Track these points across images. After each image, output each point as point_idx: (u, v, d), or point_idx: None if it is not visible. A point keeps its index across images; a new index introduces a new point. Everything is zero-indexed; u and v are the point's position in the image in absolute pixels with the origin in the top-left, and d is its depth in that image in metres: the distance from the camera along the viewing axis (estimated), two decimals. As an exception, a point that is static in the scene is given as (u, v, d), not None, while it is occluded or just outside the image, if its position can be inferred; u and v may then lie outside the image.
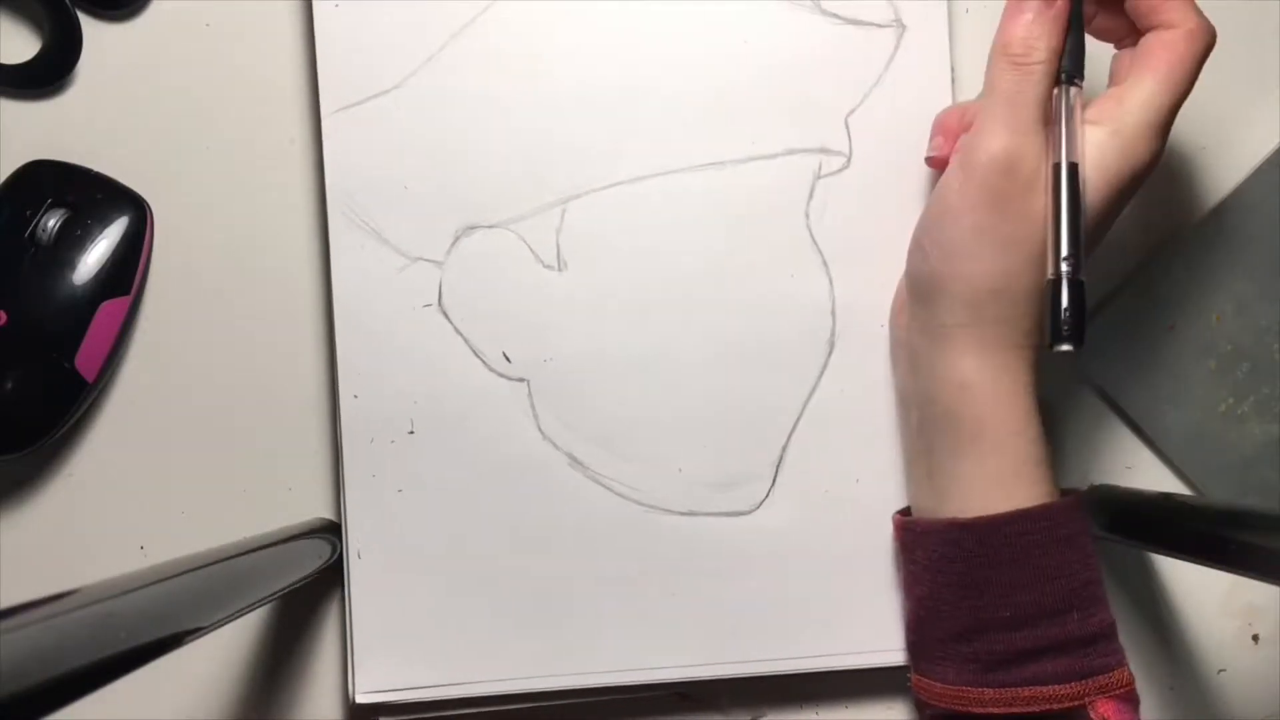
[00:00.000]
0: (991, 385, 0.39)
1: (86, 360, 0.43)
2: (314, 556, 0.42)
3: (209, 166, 0.45)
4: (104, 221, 0.44)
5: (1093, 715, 0.37)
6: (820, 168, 0.45)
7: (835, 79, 0.45)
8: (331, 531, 0.44)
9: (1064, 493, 0.40)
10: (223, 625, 0.33)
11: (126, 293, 0.44)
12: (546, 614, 0.44)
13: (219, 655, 0.45)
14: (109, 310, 0.44)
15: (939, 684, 0.40)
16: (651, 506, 0.44)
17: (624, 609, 0.44)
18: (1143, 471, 0.46)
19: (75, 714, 0.25)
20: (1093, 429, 0.46)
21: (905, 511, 0.44)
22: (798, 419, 0.45)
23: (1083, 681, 0.38)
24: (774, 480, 0.44)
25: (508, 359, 0.44)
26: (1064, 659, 0.38)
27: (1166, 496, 0.44)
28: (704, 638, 0.44)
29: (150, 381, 0.45)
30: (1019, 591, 0.38)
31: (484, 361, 0.44)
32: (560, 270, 0.44)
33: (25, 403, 0.43)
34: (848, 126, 0.45)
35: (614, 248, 0.44)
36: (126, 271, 0.44)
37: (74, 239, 0.43)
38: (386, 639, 0.43)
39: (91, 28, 0.45)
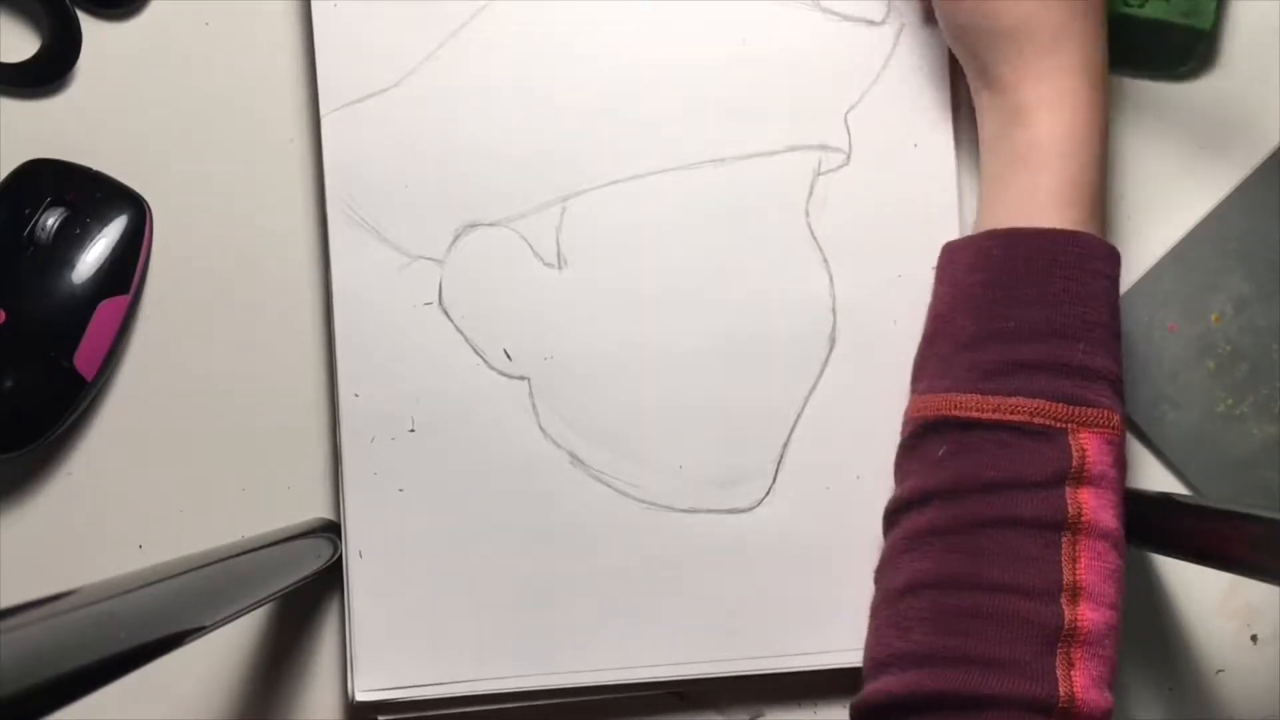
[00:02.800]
0: (1050, 109, 0.40)
1: (85, 359, 0.43)
2: (314, 556, 0.42)
3: (208, 165, 0.45)
4: (103, 220, 0.44)
5: (1072, 441, 0.38)
6: (820, 164, 0.45)
7: (834, 76, 0.45)
8: (331, 531, 0.44)
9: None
10: (223, 625, 0.33)
11: (125, 291, 0.44)
12: (547, 612, 0.44)
13: (219, 655, 0.45)
14: (108, 309, 0.44)
15: (927, 395, 0.40)
16: (652, 504, 0.44)
17: (624, 606, 0.44)
18: (1142, 471, 0.47)
19: (75, 714, 0.25)
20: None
21: None
22: (798, 416, 0.45)
23: (1071, 407, 0.38)
24: (774, 477, 0.44)
25: (508, 357, 0.44)
26: (1059, 380, 0.38)
27: (1166, 496, 0.44)
28: (704, 635, 0.44)
29: (149, 380, 0.45)
30: (1033, 305, 0.39)
31: (484, 360, 0.44)
32: (561, 268, 0.44)
33: (24, 401, 0.43)
34: (847, 123, 0.45)
35: (614, 245, 0.44)
36: (126, 270, 0.44)
37: (73, 237, 0.43)
38: (386, 638, 0.43)
39: (91, 27, 0.45)
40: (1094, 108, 0.40)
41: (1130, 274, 0.46)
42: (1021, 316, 0.39)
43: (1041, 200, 0.40)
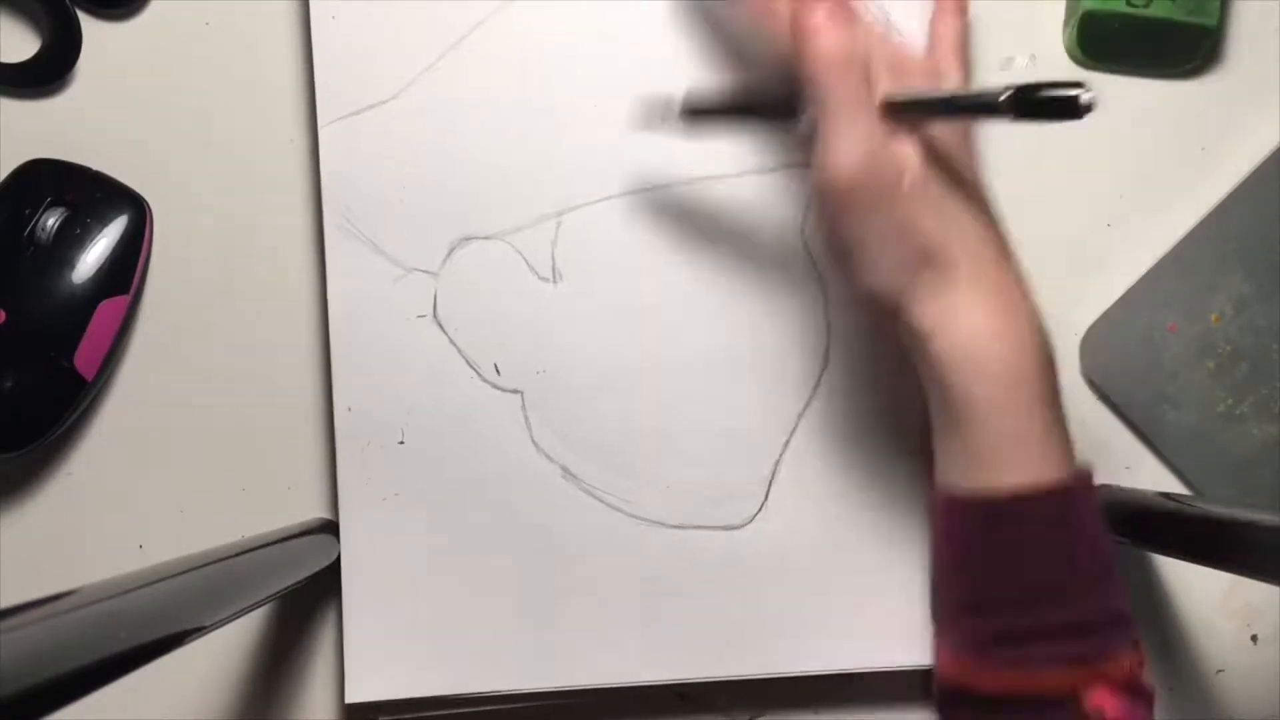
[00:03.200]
0: (966, 357, 0.37)
1: (86, 359, 0.43)
2: (313, 556, 0.42)
3: (208, 165, 0.45)
4: (103, 220, 0.44)
5: (1087, 706, 0.37)
6: None
7: None
8: (330, 531, 0.44)
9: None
10: (223, 625, 0.33)
11: (126, 291, 0.44)
12: (538, 622, 0.44)
13: (218, 655, 0.45)
14: (108, 309, 0.44)
15: (947, 655, 0.40)
16: (644, 519, 0.44)
17: (615, 618, 0.44)
18: (1142, 472, 0.46)
19: (75, 714, 0.25)
20: (1093, 429, 0.46)
21: None
22: (791, 433, 0.44)
23: (1079, 667, 0.37)
24: (767, 494, 0.44)
25: (498, 371, 0.44)
26: (1063, 644, 0.37)
27: (1166, 496, 0.44)
28: (694, 648, 0.44)
29: (149, 380, 0.45)
30: (1036, 570, 0.38)
31: (478, 372, 0.44)
32: (555, 282, 0.44)
33: (24, 401, 0.43)
34: None
35: (609, 260, 0.44)
36: (126, 270, 0.44)
37: (73, 238, 0.43)
38: (379, 641, 0.43)
39: (91, 27, 0.45)
40: (1016, 340, 0.37)
41: (1130, 274, 0.46)
42: (1013, 585, 0.38)
43: (986, 466, 0.37)
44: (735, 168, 0.45)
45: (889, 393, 0.44)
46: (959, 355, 0.37)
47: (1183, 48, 0.46)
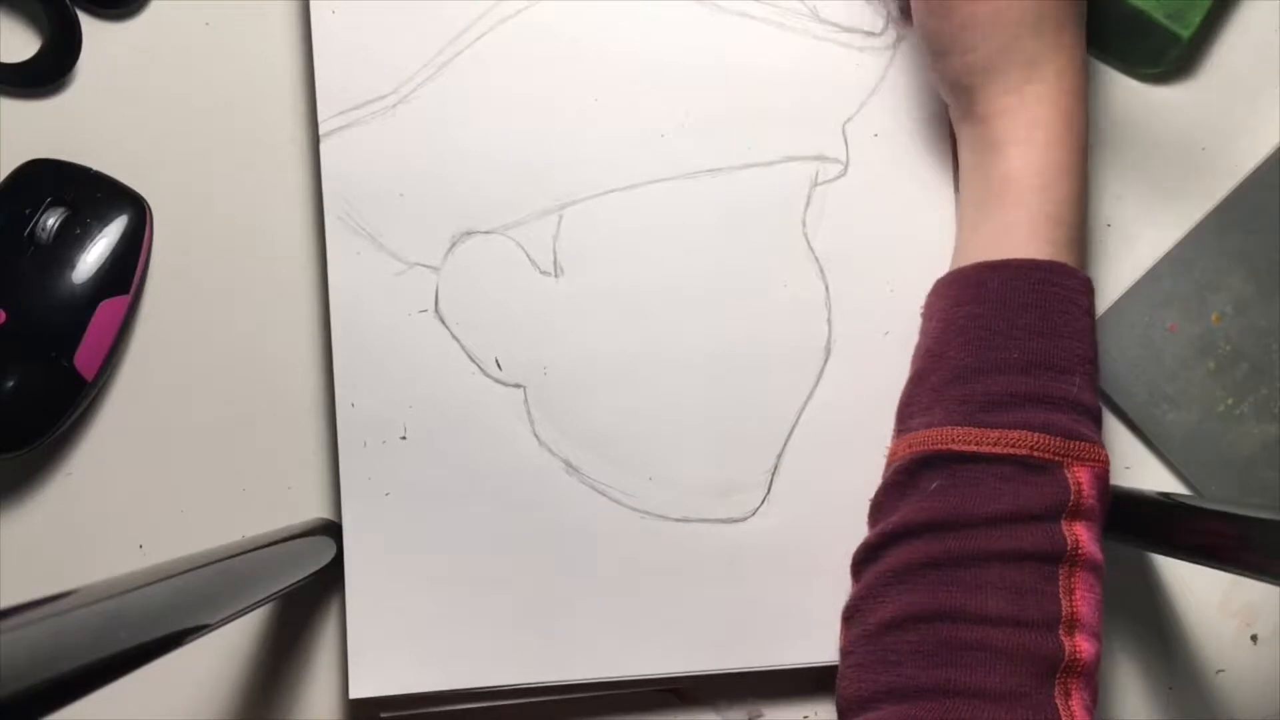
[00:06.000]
0: (1021, 143, 0.40)
1: (86, 359, 0.43)
2: (314, 556, 0.42)
3: (208, 165, 0.45)
4: (103, 220, 0.44)
5: (1068, 475, 0.38)
6: (817, 175, 0.45)
7: (832, 87, 0.45)
8: (331, 531, 0.44)
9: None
10: (223, 625, 0.33)
11: (126, 292, 0.44)
12: (542, 616, 0.44)
13: (219, 654, 0.45)
14: (108, 309, 0.44)
15: (920, 431, 0.40)
16: (646, 513, 0.44)
17: (619, 612, 0.44)
18: (1142, 471, 0.47)
19: (75, 714, 0.25)
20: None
21: None
22: (793, 426, 0.45)
23: (1068, 441, 0.38)
24: (769, 487, 0.44)
25: (499, 366, 0.44)
26: (1059, 414, 0.38)
27: (1166, 496, 0.44)
28: (698, 641, 0.44)
29: (149, 380, 0.45)
30: (1034, 338, 0.39)
31: (480, 367, 0.44)
32: (557, 276, 0.44)
33: (24, 402, 0.43)
34: (845, 134, 0.45)
35: (611, 254, 0.44)
36: (126, 270, 0.44)
37: (73, 238, 0.43)
38: (382, 636, 0.43)
39: (91, 27, 0.45)
40: (1067, 144, 0.40)
41: (1130, 274, 0.46)
42: (1021, 347, 0.39)
43: (1017, 235, 0.40)
44: (738, 161, 0.45)
45: (891, 385, 0.44)
46: (1014, 139, 0.40)
47: (1152, 49, 0.45)
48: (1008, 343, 0.39)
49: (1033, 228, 0.40)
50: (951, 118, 0.43)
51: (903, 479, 0.40)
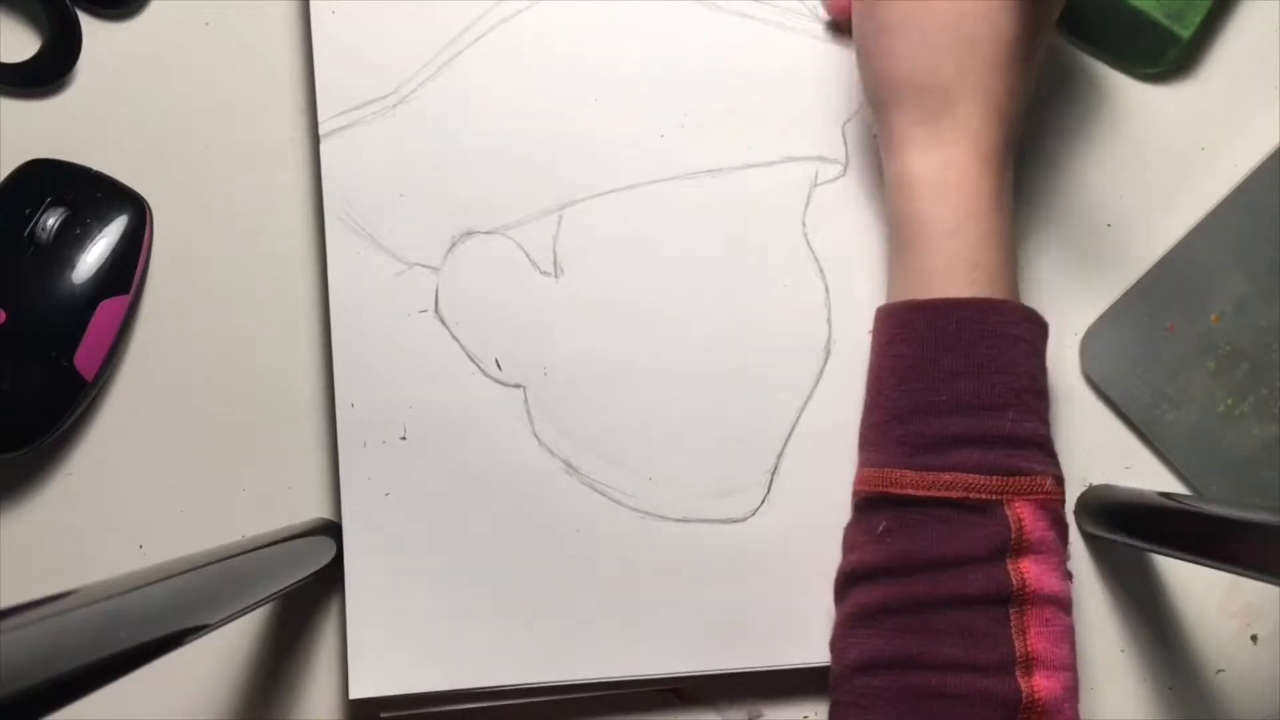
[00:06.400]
0: (931, 183, 0.39)
1: (86, 359, 0.43)
2: (314, 556, 0.42)
3: (208, 165, 0.45)
4: (103, 220, 0.44)
5: (1008, 512, 0.37)
6: (817, 176, 0.45)
7: (831, 87, 0.45)
8: (331, 531, 0.44)
9: (1089, 487, 0.40)
10: (223, 625, 0.33)
11: (126, 292, 0.44)
12: (542, 616, 0.44)
13: (220, 654, 0.45)
14: (108, 309, 0.44)
15: (869, 469, 0.40)
16: (646, 513, 0.44)
17: (619, 612, 0.44)
18: (1142, 471, 0.46)
19: (75, 714, 0.25)
20: (1092, 429, 0.46)
21: None
22: (793, 426, 0.45)
23: (1004, 478, 0.38)
24: (769, 487, 0.44)
25: (499, 367, 0.44)
26: (991, 453, 0.38)
27: (1166, 496, 0.44)
28: (698, 641, 0.44)
29: (149, 380, 0.45)
30: (960, 378, 0.38)
31: (479, 367, 0.44)
32: (557, 276, 0.44)
33: (24, 402, 0.43)
34: (844, 134, 0.45)
35: (610, 254, 0.44)
36: (126, 270, 0.44)
37: (73, 238, 0.43)
38: (382, 636, 0.43)
39: (91, 27, 0.45)
40: (980, 185, 0.39)
41: (1130, 274, 0.46)
42: (950, 389, 0.38)
43: (935, 280, 0.39)
44: (737, 161, 0.45)
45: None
46: (925, 178, 0.39)
47: (1152, 49, 0.45)
48: (937, 385, 0.39)
49: (948, 272, 0.39)
50: (880, 150, 0.43)
51: (858, 516, 0.41)
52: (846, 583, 0.41)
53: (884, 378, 0.40)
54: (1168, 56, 0.46)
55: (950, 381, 0.38)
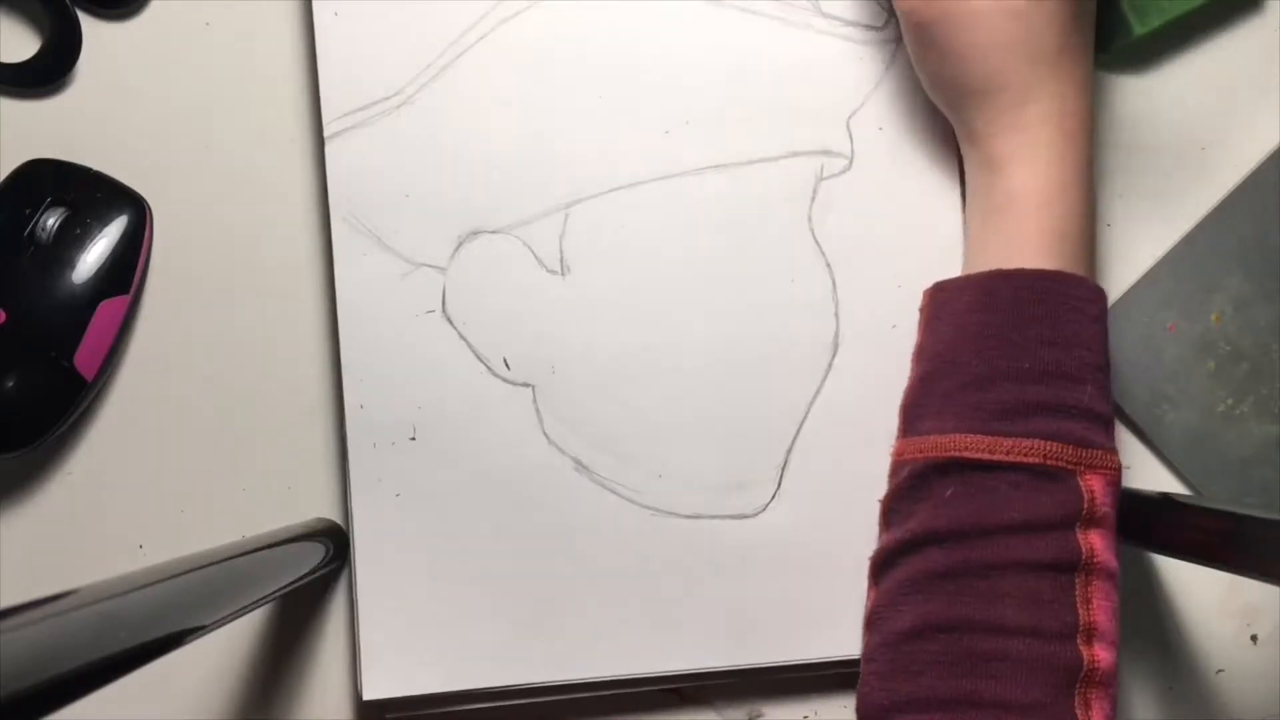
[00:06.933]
0: (1020, 161, 0.40)
1: (86, 359, 0.43)
2: (314, 557, 0.42)
3: (208, 165, 0.45)
4: (103, 220, 0.44)
5: (1081, 483, 0.38)
6: (822, 170, 0.45)
7: (836, 81, 0.45)
8: (332, 532, 0.44)
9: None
10: (223, 625, 0.33)
11: (126, 292, 0.44)
12: (552, 615, 0.44)
13: (227, 653, 0.45)
14: (108, 309, 0.44)
15: (933, 435, 0.40)
16: (656, 510, 0.44)
17: (630, 610, 0.44)
18: (1142, 471, 0.47)
19: (75, 714, 0.25)
20: (1092, 429, 0.46)
21: None
22: (802, 421, 0.45)
23: (1080, 449, 0.38)
24: (779, 483, 0.44)
25: (507, 366, 0.44)
26: (1071, 423, 0.38)
27: (1166, 496, 0.44)
28: (709, 636, 0.44)
29: (150, 380, 0.45)
30: (1046, 348, 0.39)
31: (488, 367, 0.44)
32: (564, 275, 0.44)
33: (24, 401, 0.43)
34: (849, 128, 0.45)
35: (617, 251, 0.44)
36: (126, 270, 0.44)
37: (73, 238, 0.43)
38: (394, 638, 0.43)
39: (91, 27, 0.45)
40: (1068, 159, 0.40)
41: (1130, 274, 0.46)
42: (1034, 356, 0.39)
43: (1024, 250, 0.40)
44: (743, 157, 0.45)
45: (898, 379, 0.44)
46: (1014, 157, 0.40)
47: (1102, 30, 0.45)
48: (1020, 351, 0.39)
49: (1039, 242, 0.40)
50: (958, 136, 0.44)
51: (917, 484, 0.40)
52: (900, 551, 0.40)
53: (959, 345, 0.40)
54: (1115, 45, 0.45)
55: (1035, 349, 0.39)
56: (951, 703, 0.37)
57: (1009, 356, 0.39)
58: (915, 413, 0.42)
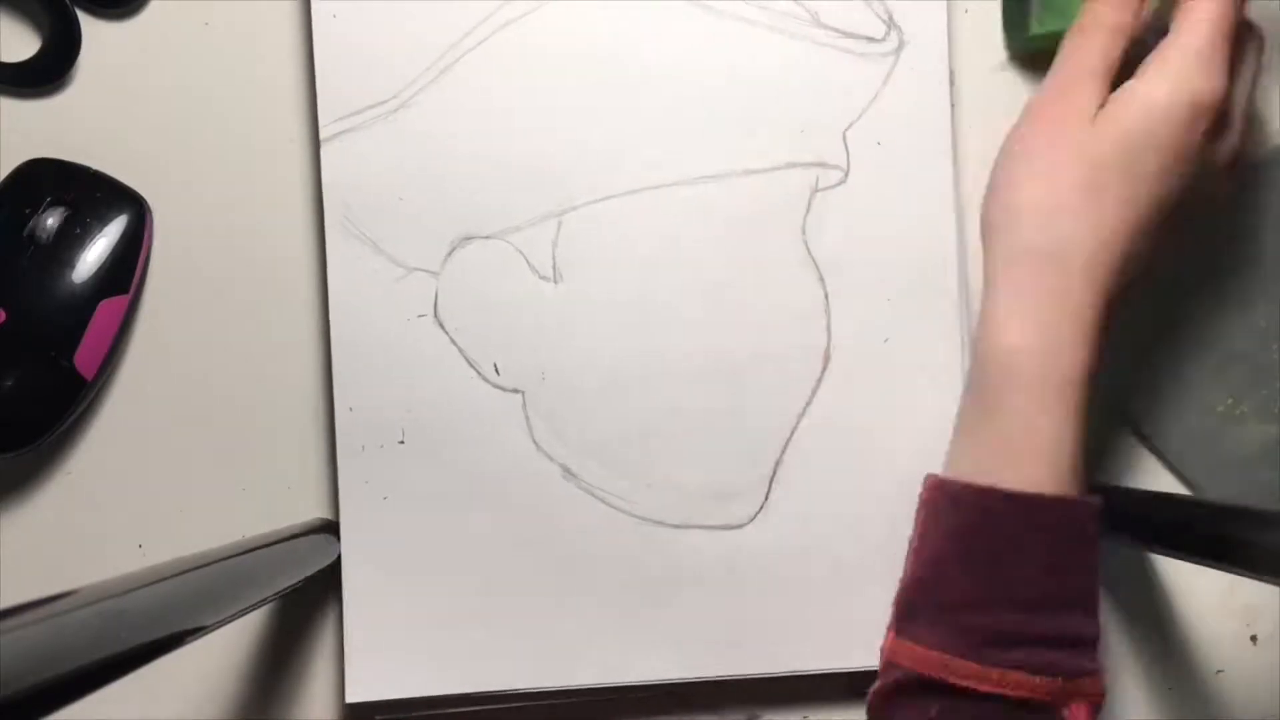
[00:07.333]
0: (1033, 354, 0.38)
1: (85, 359, 0.43)
2: (313, 556, 0.42)
3: (208, 165, 0.45)
4: (103, 220, 0.44)
5: (1065, 714, 0.37)
6: (818, 181, 0.45)
7: (833, 93, 0.45)
8: (330, 531, 0.44)
9: (1091, 489, 0.39)
10: (223, 625, 0.33)
11: (125, 291, 0.44)
12: (538, 621, 0.44)
13: (217, 655, 0.45)
14: (108, 309, 0.44)
15: (922, 648, 0.39)
16: (645, 518, 0.44)
17: (616, 618, 0.44)
18: (1142, 471, 0.47)
19: (75, 714, 0.25)
20: (1092, 429, 0.46)
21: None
22: (792, 433, 0.44)
23: (1067, 680, 0.38)
24: (767, 494, 0.44)
25: (497, 371, 0.44)
26: (1056, 652, 0.38)
27: (1165, 496, 0.44)
28: (696, 647, 0.44)
29: (149, 380, 0.45)
30: (1044, 577, 0.38)
31: (478, 372, 0.44)
32: (556, 282, 0.44)
33: (24, 401, 0.43)
34: (845, 140, 0.45)
35: (610, 260, 0.44)
36: (125, 270, 0.44)
37: (73, 237, 0.43)
38: (380, 641, 0.43)
39: (91, 26, 0.45)
40: (1077, 359, 0.38)
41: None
42: (1026, 587, 0.38)
43: (1019, 460, 0.38)
44: (738, 167, 0.45)
45: (889, 393, 0.44)
46: (1022, 348, 0.38)
47: (1009, 19, 0.45)
48: (1013, 579, 0.38)
49: (1028, 451, 0.38)
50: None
51: (905, 692, 0.39)
52: None
53: (953, 561, 0.39)
54: (1011, 40, 0.45)
55: (1031, 579, 0.38)
56: None
57: (1002, 582, 0.38)
58: (910, 612, 0.41)
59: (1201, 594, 0.47)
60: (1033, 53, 0.45)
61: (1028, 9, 0.44)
